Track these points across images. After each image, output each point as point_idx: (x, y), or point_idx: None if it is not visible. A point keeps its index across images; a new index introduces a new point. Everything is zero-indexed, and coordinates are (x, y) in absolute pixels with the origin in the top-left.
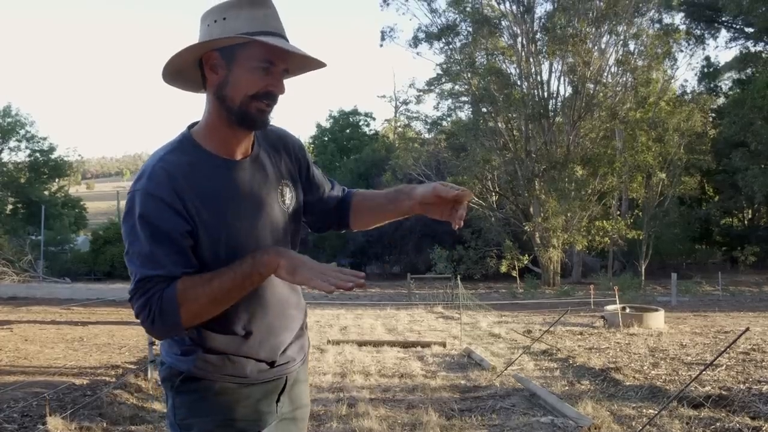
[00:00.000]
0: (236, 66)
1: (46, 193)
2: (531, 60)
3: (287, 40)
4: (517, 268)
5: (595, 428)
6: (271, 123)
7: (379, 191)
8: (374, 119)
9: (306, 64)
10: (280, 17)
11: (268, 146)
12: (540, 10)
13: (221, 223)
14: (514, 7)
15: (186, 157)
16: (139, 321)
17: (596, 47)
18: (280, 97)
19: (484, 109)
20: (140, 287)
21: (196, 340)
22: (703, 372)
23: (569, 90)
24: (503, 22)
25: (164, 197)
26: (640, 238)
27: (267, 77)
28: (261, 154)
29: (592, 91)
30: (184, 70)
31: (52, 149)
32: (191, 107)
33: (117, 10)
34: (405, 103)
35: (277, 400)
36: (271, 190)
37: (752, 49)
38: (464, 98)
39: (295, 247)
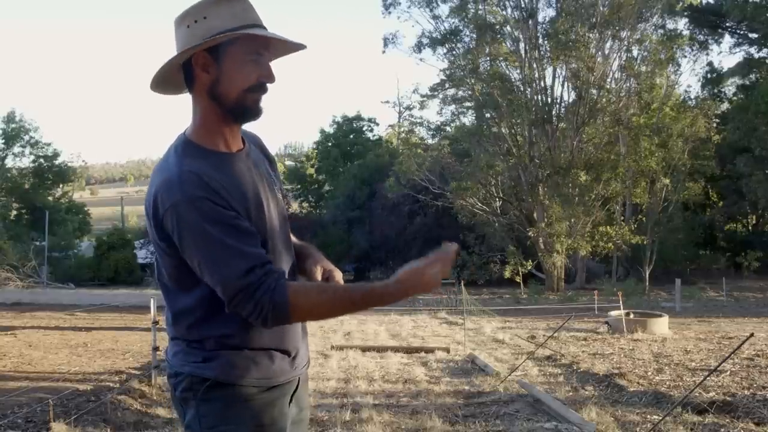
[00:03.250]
0: (227, 62)
1: (50, 198)
2: (534, 65)
3: (267, 29)
4: (520, 273)
5: None
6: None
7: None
8: (378, 125)
9: (286, 48)
10: (269, 16)
11: (252, 145)
12: (542, 16)
13: (249, 213)
14: (516, 13)
15: (197, 161)
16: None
17: (599, 53)
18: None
19: (488, 115)
20: (245, 288)
21: (218, 343)
22: (708, 378)
23: (573, 95)
24: (506, 28)
25: (209, 197)
26: (644, 243)
27: (258, 68)
28: (251, 151)
29: (595, 97)
30: (168, 75)
31: (56, 155)
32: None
33: (120, 16)
34: (408, 108)
35: (290, 402)
36: (269, 180)
37: (756, 55)
38: (468, 104)
39: (290, 240)
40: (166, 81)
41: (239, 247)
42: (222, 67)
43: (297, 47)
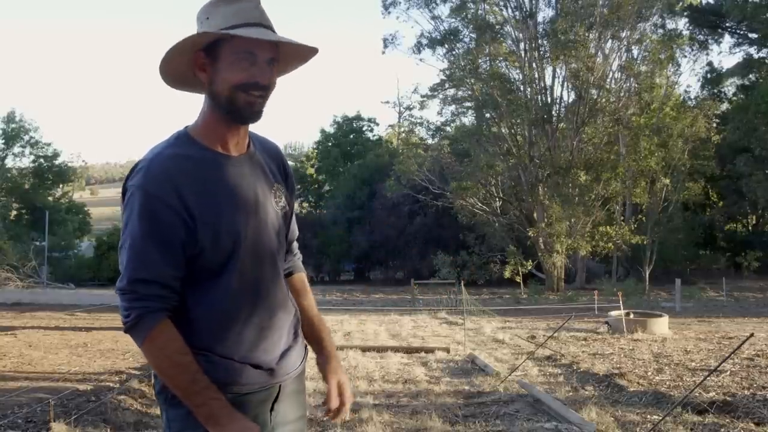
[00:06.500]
0: (220, 61)
1: (50, 198)
2: (534, 65)
3: (273, 31)
4: (520, 273)
5: None
6: (263, 116)
7: (311, 312)
8: (378, 125)
9: (298, 53)
10: (265, 9)
11: (263, 150)
12: (542, 16)
13: (220, 213)
14: (516, 13)
15: (183, 151)
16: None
17: (599, 53)
18: (275, 90)
19: (488, 115)
20: (130, 291)
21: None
22: (708, 378)
23: (572, 95)
24: (505, 28)
25: (163, 197)
26: (644, 243)
27: (251, 68)
28: (257, 154)
29: (595, 97)
30: (183, 74)
31: (56, 155)
32: (196, 112)
33: (120, 16)
34: (408, 108)
35: (271, 409)
36: (266, 189)
37: (756, 55)
38: (468, 104)
39: (284, 249)
40: (186, 81)
41: (152, 257)
42: (216, 66)
43: (304, 50)
